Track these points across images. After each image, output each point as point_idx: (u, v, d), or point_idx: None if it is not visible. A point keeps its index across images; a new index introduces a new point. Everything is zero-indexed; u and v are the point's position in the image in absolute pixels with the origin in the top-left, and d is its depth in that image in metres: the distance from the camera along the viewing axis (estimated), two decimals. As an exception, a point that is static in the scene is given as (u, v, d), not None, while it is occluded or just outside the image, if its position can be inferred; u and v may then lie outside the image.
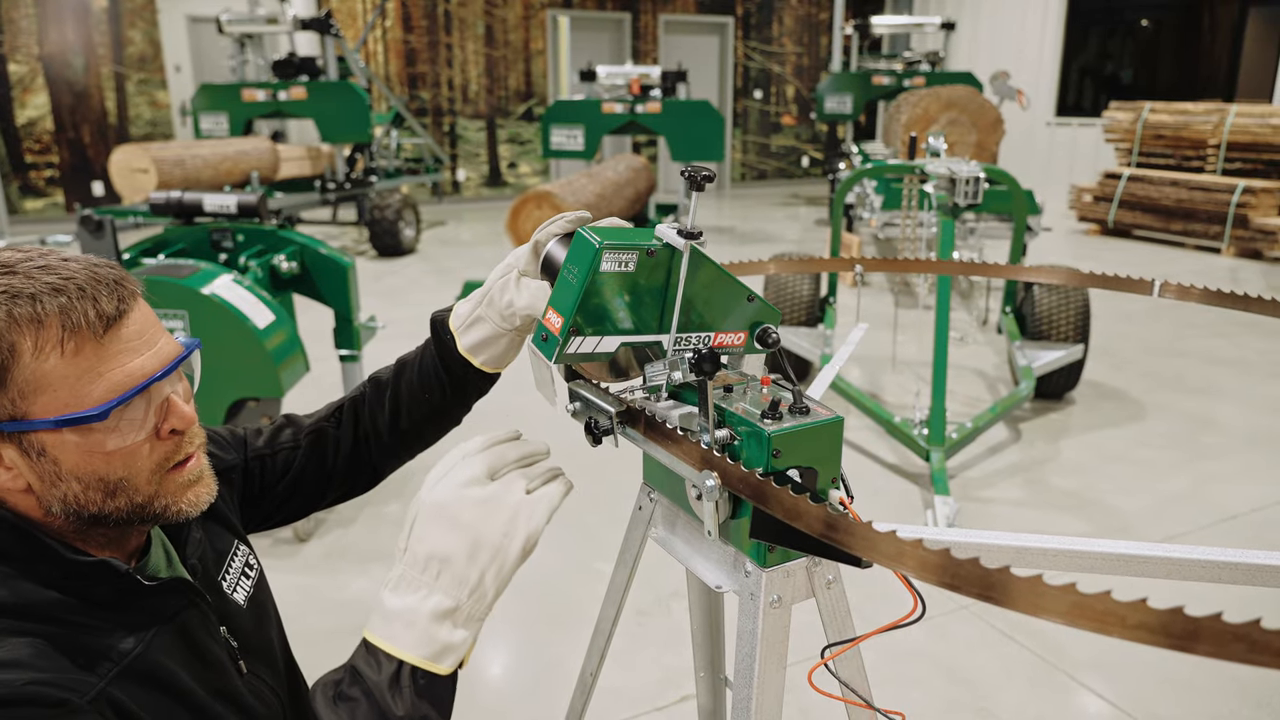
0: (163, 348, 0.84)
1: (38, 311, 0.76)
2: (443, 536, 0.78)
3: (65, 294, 0.77)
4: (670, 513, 1.05)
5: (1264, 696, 2.35)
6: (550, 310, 0.90)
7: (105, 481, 0.81)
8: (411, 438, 1.16)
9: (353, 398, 1.18)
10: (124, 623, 0.83)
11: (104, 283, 0.80)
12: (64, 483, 0.80)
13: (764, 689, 0.88)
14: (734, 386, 0.96)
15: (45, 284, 0.77)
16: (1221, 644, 0.57)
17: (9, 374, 0.76)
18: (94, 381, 0.78)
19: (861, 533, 0.68)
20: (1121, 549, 0.84)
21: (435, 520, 0.78)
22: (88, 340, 0.77)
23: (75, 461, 0.80)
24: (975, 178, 3.63)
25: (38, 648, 0.76)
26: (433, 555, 0.78)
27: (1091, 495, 3.52)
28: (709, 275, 0.93)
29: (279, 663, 1.05)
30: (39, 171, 10.11)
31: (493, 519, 0.80)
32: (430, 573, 0.78)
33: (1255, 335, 5.63)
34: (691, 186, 0.86)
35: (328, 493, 1.18)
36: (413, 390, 1.14)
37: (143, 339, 0.82)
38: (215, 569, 1.00)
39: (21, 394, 0.76)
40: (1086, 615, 0.60)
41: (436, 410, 1.14)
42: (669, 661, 2.50)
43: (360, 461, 1.17)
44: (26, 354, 0.75)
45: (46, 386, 0.77)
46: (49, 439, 0.78)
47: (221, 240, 3.26)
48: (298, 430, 1.16)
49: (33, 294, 0.76)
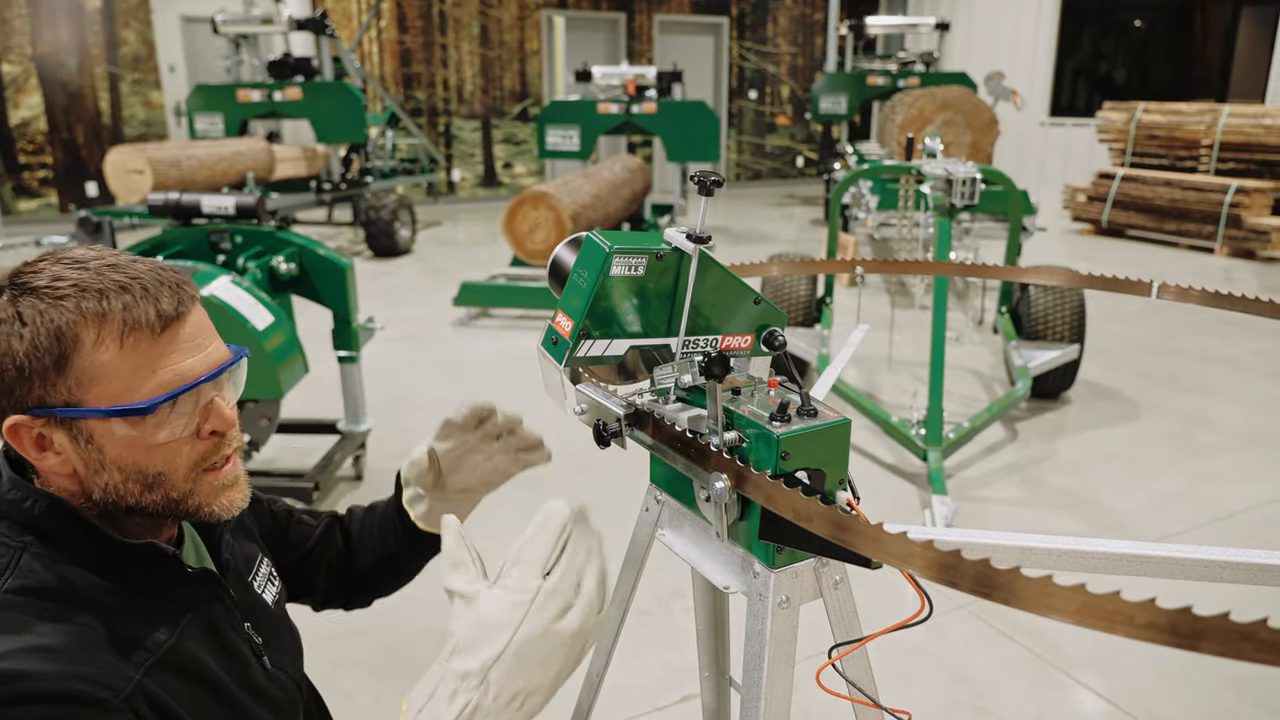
0: (213, 353, 0.88)
1: (103, 306, 0.80)
2: (534, 672, 0.75)
3: (130, 292, 0.82)
4: (677, 514, 1.06)
5: (1260, 693, 2.37)
6: (560, 314, 0.91)
7: (144, 474, 0.85)
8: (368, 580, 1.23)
9: (341, 517, 1.26)
10: (158, 611, 0.86)
11: (167, 284, 0.84)
12: (106, 471, 0.84)
13: (772, 689, 0.89)
14: (741, 389, 0.97)
15: (113, 281, 0.82)
16: (1229, 643, 0.58)
17: (69, 362, 0.80)
18: (146, 377, 0.82)
19: (873, 534, 0.68)
20: (1129, 549, 0.85)
21: (531, 657, 0.74)
22: (145, 337, 0.82)
23: (119, 452, 0.84)
24: (972, 178, 3.64)
25: (75, 636, 0.78)
26: (522, 690, 0.75)
27: (1088, 494, 3.54)
28: (716, 279, 0.94)
29: (300, 663, 1.09)
30: (32, 172, 10.08)
31: (578, 646, 0.78)
32: (514, 705, 0.75)
33: (1248, 335, 5.66)
34: (701, 191, 0.87)
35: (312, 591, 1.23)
36: (372, 534, 1.22)
37: (195, 342, 0.86)
38: (245, 571, 1.04)
39: (79, 382, 0.81)
40: (1096, 615, 0.61)
41: (392, 557, 1.20)
42: (670, 661, 2.51)
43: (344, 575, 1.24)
44: (88, 345, 0.80)
45: (102, 377, 0.81)
46: (98, 427, 0.83)
47: (220, 242, 3.26)
48: (314, 515, 1.24)
49: (100, 289, 0.81)
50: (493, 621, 0.74)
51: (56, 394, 0.81)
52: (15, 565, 0.81)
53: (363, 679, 2.41)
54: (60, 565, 0.83)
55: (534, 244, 5.94)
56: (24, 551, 0.82)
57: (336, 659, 2.45)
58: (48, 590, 0.81)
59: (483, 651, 0.74)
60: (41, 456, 0.84)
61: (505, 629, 0.74)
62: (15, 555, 0.82)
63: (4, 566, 0.81)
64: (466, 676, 0.73)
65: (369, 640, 2.60)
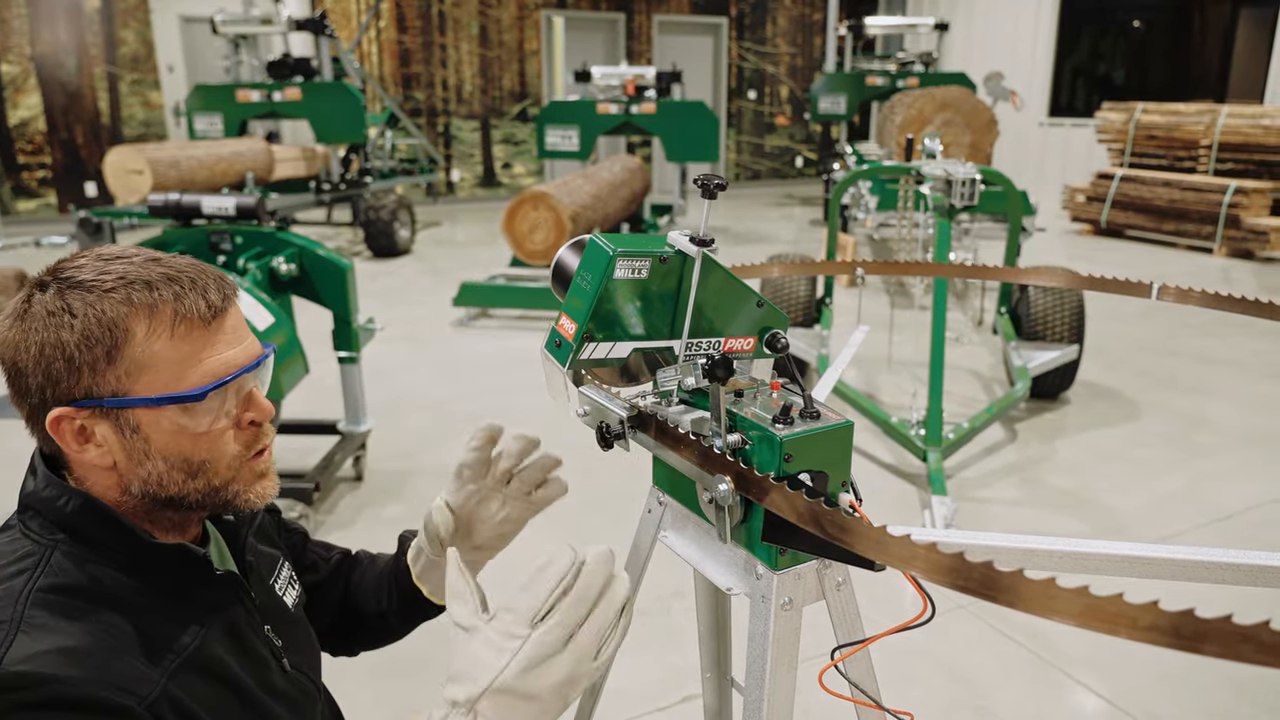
0: (250, 345, 0.91)
1: (153, 297, 0.82)
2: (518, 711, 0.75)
3: (179, 283, 0.84)
4: (680, 516, 1.06)
5: (1259, 694, 2.37)
6: (564, 317, 0.91)
7: (189, 462, 0.87)
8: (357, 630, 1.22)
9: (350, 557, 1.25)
10: (184, 612, 0.87)
11: (211, 277, 0.87)
12: (150, 461, 0.86)
13: (775, 690, 0.90)
14: (744, 391, 0.97)
15: (159, 273, 0.83)
16: (1231, 645, 0.58)
17: (120, 353, 0.81)
18: (194, 366, 0.84)
19: (877, 537, 0.69)
20: (1132, 551, 0.85)
21: (510, 695, 0.75)
22: (196, 327, 0.84)
23: (165, 441, 0.85)
24: (971, 179, 3.65)
25: (102, 638, 0.79)
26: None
27: (1087, 494, 3.54)
28: (720, 281, 0.94)
29: (319, 665, 1.10)
30: (31, 172, 10.07)
31: (564, 692, 0.78)
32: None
33: (1247, 335, 5.67)
34: (704, 194, 0.87)
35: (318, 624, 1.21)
36: (371, 585, 1.20)
37: (236, 334, 0.89)
38: (267, 574, 1.05)
39: (128, 372, 0.82)
40: (1099, 618, 0.62)
41: (382, 614, 1.19)
42: (670, 661, 2.51)
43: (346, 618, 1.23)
44: (139, 335, 0.82)
45: (151, 367, 0.82)
46: (145, 417, 0.84)
47: (220, 242, 3.26)
48: (329, 548, 1.24)
49: (149, 280, 0.82)
50: (480, 660, 0.76)
51: (104, 385, 0.82)
52: (47, 563, 0.82)
53: (363, 679, 2.41)
54: (90, 564, 0.83)
55: (533, 244, 5.94)
56: (55, 549, 0.83)
57: (340, 661, 2.45)
58: (78, 589, 0.81)
59: (471, 685, 0.75)
60: (82, 449, 0.85)
61: (490, 669, 0.75)
62: (47, 553, 0.83)
63: (36, 564, 0.82)
64: (456, 705, 0.75)
65: (370, 641, 2.60)
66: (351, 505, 3.42)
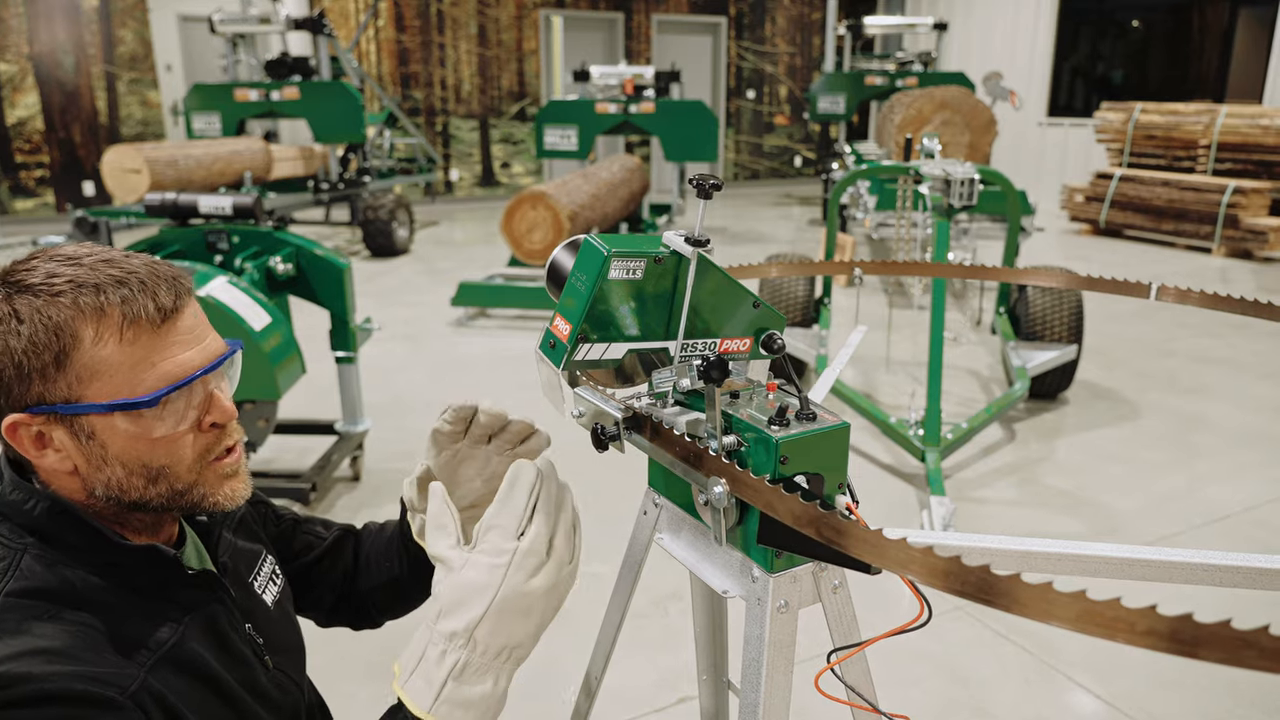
0: (210, 344, 0.88)
1: (100, 301, 0.80)
2: (516, 627, 0.79)
3: (127, 285, 0.81)
4: (675, 518, 1.05)
5: (1256, 696, 2.37)
6: (558, 317, 0.91)
7: (148, 468, 0.85)
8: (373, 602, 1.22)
9: (354, 532, 1.23)
10: (159, 612, 0.86)
11: (163, 278, 0.84)
12: (109, 466, 0.84)
13: (772, 693, 0.89)
14: (740, 393, 0.97)
15: (109, 276, 0.81)
16: (1231, 650, 0.58)
17: (69, 358, 0.80)
18: (147, 370, 0.82)
19: (871, 539, 0.68)
20: (1130, 554, 0.85)
21: (512, 614, 0.79)
22: (145, 330, 0.82)
23: (122, 446, 0.84)
24: (970, 179, 3.64)
25: (80, 636, 0.79)
26: (506, 645, 0.79)
27: (1086, 495, 3.54)
28: (715, 282, 0.93)
29: (303, 664, 1.09)
30: (29, 171, 10.06)
31: (554, 598, 0.82)
32: (502, 658, 0.79)
33: (1245, 336, 5.66)
34: (700, 195, 0.87)
35: (319, 607, 1.22)
36: (379, 554, 1.19)
37: (193, 334, 0.86)
38: (246, 571, 1.03)
39: (79, 378, 0.80)
40: (1096, 622, 0.61)
41: (395, 582, 1.19)
42: (666, 663, 2.50)
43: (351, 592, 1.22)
44: (87, 340, 0.80)
45: (102, 372, 0.81)
46: (99, 423, 0.82)
47: (217, 242, 3.26)
48: (327, 526, 1.22)
49: (97, 284, 0.80)
50: (474, 585, 0.78)
51: (56, 391, 0.80)
52: (16, 567, 0.81)
53: (361, 679, 2.40)
54: (61, 567, 0.82)
55: (532, 244, 5.94)
56: (25, 553, 0.82)
57: (336, 659, 2.44)
58: (49, 592, 0.80)
59: (467, 613, 0.78)
60: (41, 454, 0.83)
61: (486, 590, 0.78)
62: (16, 557, 0.82)
63: (5, 569, 0.81)
64: (454, 636, 0.77)
65: (368, 641, 2.59)
66: (349, 506, 3.41)
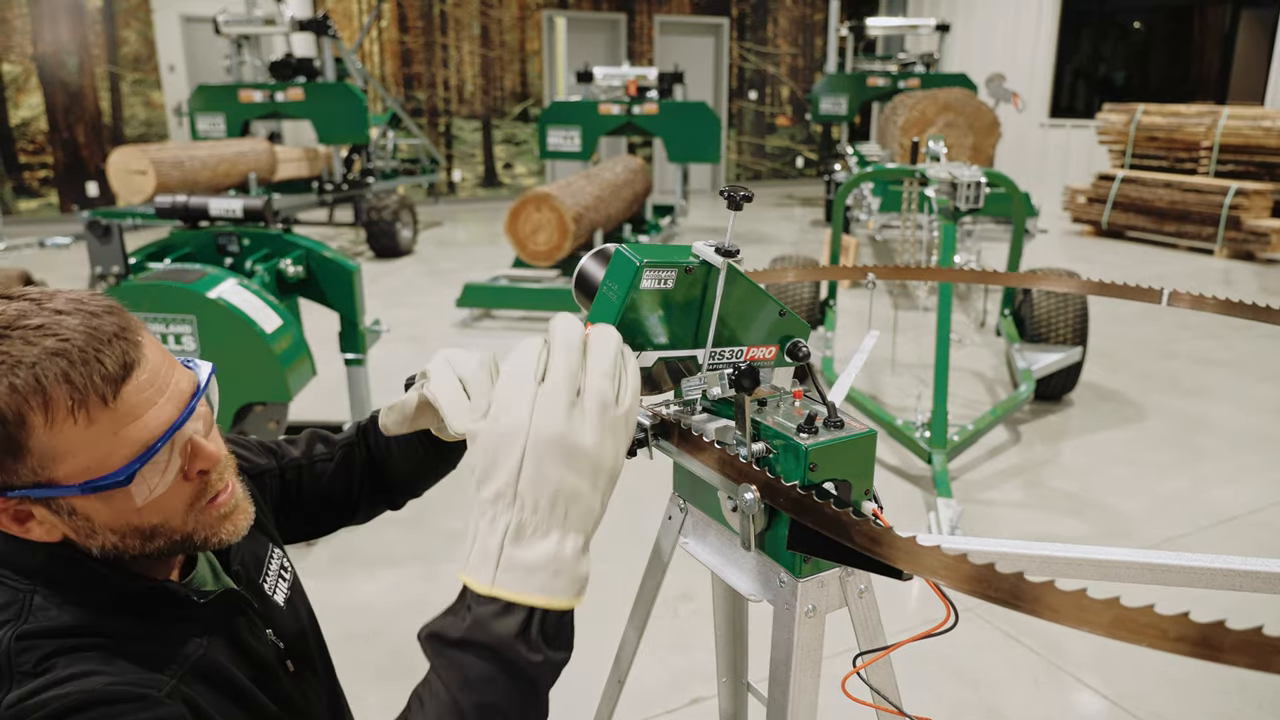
0: (176, 386, 0.81)
1: (40, 383, 0.72)
2: (564, 473, 0.70)
3: (65, 357, 0.73)
4: (701, 523, 1.07)
5: (1265, 697, 2.39)
6: (589, 326, 0.92)
7: (140, 530, 0.81)
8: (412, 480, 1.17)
9: (364, 425, 1.18)
10: (180, 634, 0.85)
11: (104, 339, 0.76)
12: (99, 535, 0.80)
13: (799, 697, 0.90)
14: (767, 400, 0.98)
15: (44, 350, 0.73)
16: (1261, 656, 0.59)
17: (24, 445, 0.73)
18: (113, 442, 0.76)
19: (906, 547, 0.70)
20: (1172, 561, 0.87)
21: (551, 458, 0.69)
22: (97, 405, 0.75)
23: (107, 517, 0.79)
24: (976, 182, 3.65)
25: (104, 659, 0.78)
26: (558, 494, 0.70)
27: (1091, 496, 3.55)
28: (743, 291, 0.95)
29: (318, 660, 1.08)
30: (33, 172, 10.07)
31: (606, 443, 0.72)
32: (558, 513, 0.70)
33: (1247, 337, 5.68)
34: (730, 206, 0.88)
35: (355, 512, 1.19)
36: (405, 443, 1.13)
37: (155, 385, 0.79)
38: (256, 573, 1.02)
39: (42, 463, 0.75)
40: (1129, 628, 0.62)
41: (428, 463, 1.14)
42: (678, 664, 2.52)
43: (379, 484, 1.18)
44: (38, 426, 0.73)
45: (66, 454, 0.75)
46: (77, 501, 0.78)
47: (227, 244, 3.27)
48: (330, 445, 1.17)
49: (33, 362, 0.73)
50: (500, 437, 0.70)
51: (21, 476, 0.75)
52: (28, 608, 0.78)
53: (372, 682, 2.42)
54: (73, 605, 0.80)
55: (536, 245, 5.95)
56: (34, 594, 0.80)
57: (347, 662, 2.45)
58: (64, 629, 0.78)
59: (503, 468, 0.70)
60: (25, 529, 0.79)
61: (515, 439, 0.70)
62: (26, 598, 0.79)
63: (16, 613, 0.78)
64: (499, 498, 0.70)
65: (380, 643, 2.61)
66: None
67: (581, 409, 0.71)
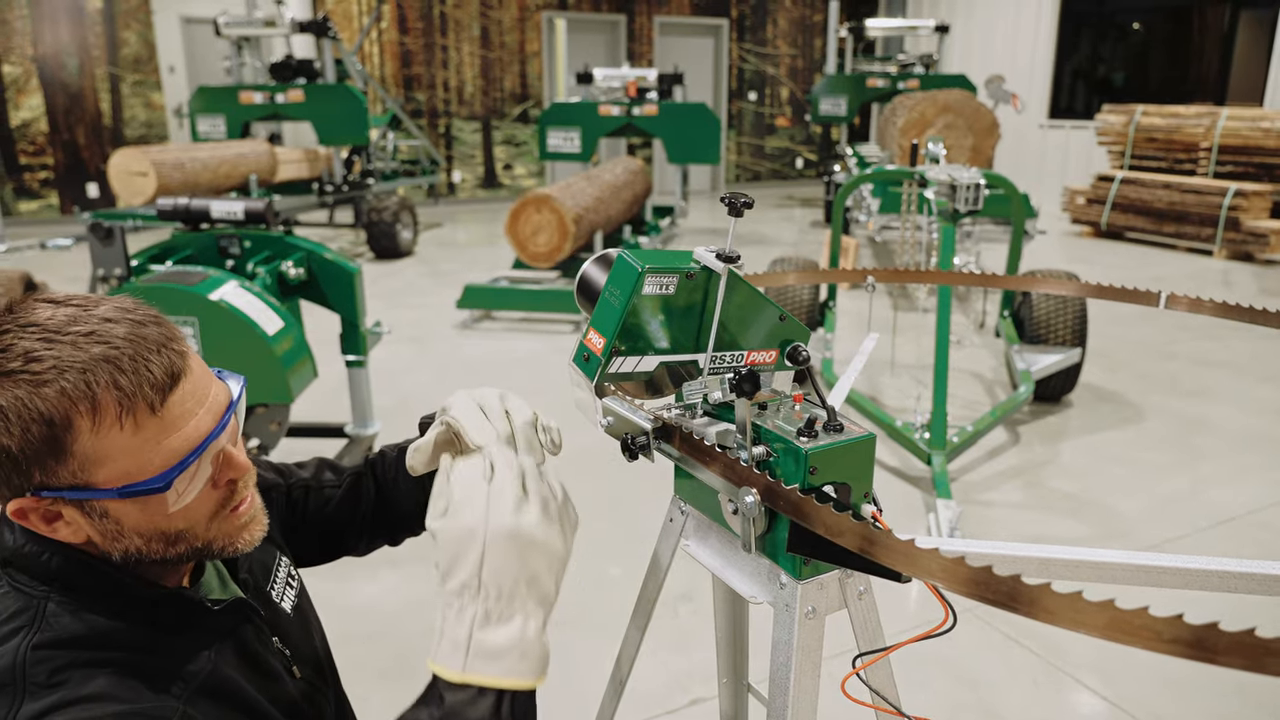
0: (214, 399, 0.83)
1: (92, 390, 0.74)
2: (522, 563, 0.76)
3: (115, 364, 0.75)
4: (702, 525, 1.08)
5: (1264, 697, 2.39)
6: (592, 331, 0.93)
7: (166, 534, 0.83)
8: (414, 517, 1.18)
9: (372, 460, 1.20)
10: (189, 644, 0.86)
11: (151, 348, 0.78)
12: (126, 538, 0.82)
13: (799, 698, 0.91)
14: (767, 404, 0.99)
15: (95, 356, 0.75)
16: (1254, 657, 0.60)
17: (68, 448, 0.75)
18: (154, 450, 0.78)
19: (904, 550, 0.70)
20: (1172, 563, 0.88)
21: (508, 550, 0.76)
22: (145, 413, 0.77)
23: (137, 521, 0.81)
24: (976, 184, 3.66)
25: (114, 679, 0.78)
26: (518, 581, 0.76)
27: (1090, 497, 3.56)
28: (744, 296, 0.96)
29: (325, 668, 1.09)
30: (33, 173, 10.08)
31: (554, 532, 0.79)
32: (519, 598, 0.76)
33: (1245, 339, 5.69)
34: (730, 213, 0.89)
35: (358, 542, 1.21)
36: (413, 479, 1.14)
37: (196, 396, 0.81)
38: (264, 581, 1.02)
39: (83, 466, 0.76)
40: (1124, 630, 0.63)
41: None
42: (678, 665, 2.53)
43: (382, 519, 1.19)
44: (85, 430, 0.75)
45: (108, 459, 0.76)
46: (111, 504, 0.79)
47: (229, 247, 3.28)
48: (338, 474, 1.19)
49: (83, 366, 0.74)
50: (459, 533, 0.76)
51: (60, 478, 0.76)
52: (41, 615, 0.79)
53: (374, 683, 2.43)
54: (85, 612, 0.81)
55: (536, 247, 5.96)
56: (48, 600, 0.80)
57: (349, 664, 2.47)
58: (77, 639, 0.79)
59: (465, 561, 0.75)
60: (53, 529, 0.81)
61: (474, 534, 0.75)
62: (40, 605, 0.80)
63: (30, 620, 0.79)
64: (464, 589, 0.75)
65: (382, 645, 2.62)
66: (359, 508, 3.43)
67: (528, 502, 0.78)
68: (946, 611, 0.88)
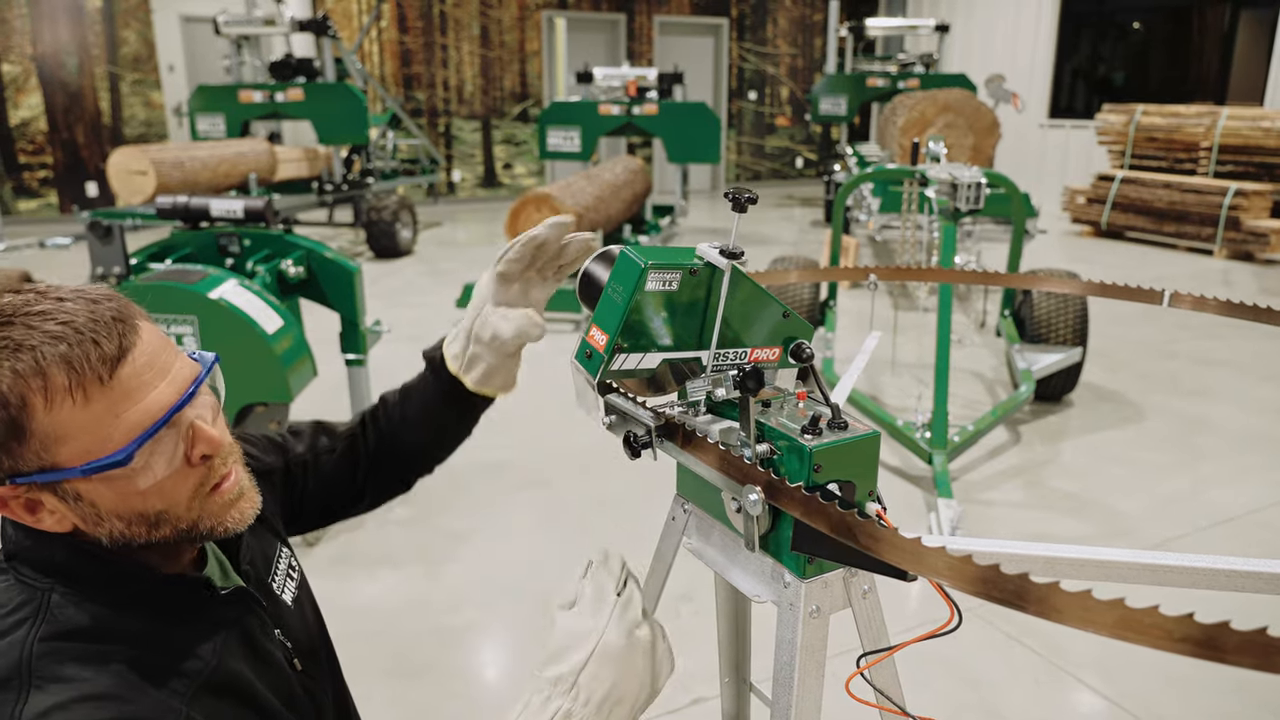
0: (178, 372, 0.82)
1: (40, 364, 0.74)
2: (619, 682, 0.82)
3: (65, 340, 0.75)
4: (705, 524, 1.07)
5: (1265, 696, 2.39)
6: (594, 328, 0.92)
7: (145, 516, 0.82)
8: (427, 455, 1.22)
9: (371, 411, 1.21)
10: (194, 634, 0.86)
11: (102, 322, 0.78)
12: (106, 521, 0.81)
13: (803, 698, 0.91)
14: (770, 401, 0.98)
15: (45, 334, 0.75)
16: (1264, 656, 0.60)
17: (26, 428, 0.75)
18: (113, 424, 0.77)
19: (911, 548, 0.70)
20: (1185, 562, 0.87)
21: (612, 664, 0.82)
22: (94, 385, 0.76)
23: (112, 502, 0.80)
24: (977, 183, 3.66)
25: (119, 675, 0.77)
26: (608, 698, 0.81)
27: (1091, 497, 3.56)
28: (747, 292, 0.95)
29: (325, 660, 1.09)
30: (33, 172, 10.07)
31: (654, 666, 0.86)
32: (603, 713, 0.81)
33: (1246, 338, 5.68)
34: (734, 208, 0.88)
35: (360, 500, 1.22)
36: (422, 414, 1.17)
37: (154, 369, 0.80)
38: (265, 572, 1.02)
39: (44, 446, 0.76)
40: (1133, 628, 0.63)
41: (448, 429, 1.19)
42: (679, 665, 2.50)
43: (386, 471, 1.20)
44: (39, 408, 0.74)
45: (66, 436, 0.76)
46: (81, 485, 0.78)
47: (228, 245, 3.27)
48: (334, 437, 1.19)
49: (33, 345, 0.74)
50: (578, 630, 0.83)
51: (26, 461, 0.76)
52: (46, 607, 0.79)
53: (376, 681, 2.42)
54: (89, 604, 0.81)
55: (537, 246, 5.95)
56: (52, 591, 0.80)
57: (351, 662, 2.46)
58: (82, 631, 0.79)
59: (570, 658, 0.81)
60: (37, 519, 0.81)
61: (589, 637, 0.82)
62: (45, 597, 0.80)
63: (35, 611, 0.78)
64: (558, 681, 0.80)
65: (384, 643, 2.61)
66: (358, 507, 3.42)
67: (641, 633, 0.87)
68: (952, 610, 0.88)
